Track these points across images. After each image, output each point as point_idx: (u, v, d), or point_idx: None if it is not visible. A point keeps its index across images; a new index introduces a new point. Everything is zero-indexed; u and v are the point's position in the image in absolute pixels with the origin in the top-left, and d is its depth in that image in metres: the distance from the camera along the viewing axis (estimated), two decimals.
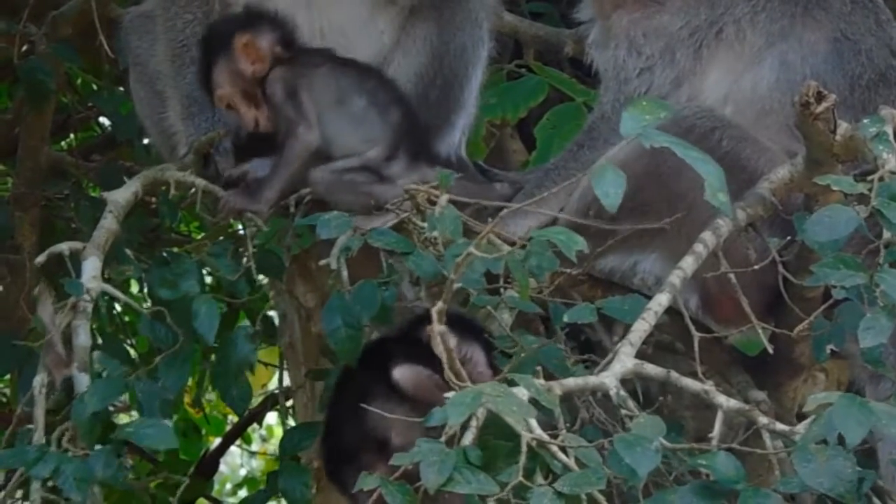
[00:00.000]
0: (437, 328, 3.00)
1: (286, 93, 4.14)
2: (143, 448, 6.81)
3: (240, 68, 4.16)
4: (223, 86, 4.17)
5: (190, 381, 6.63)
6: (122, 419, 5.09)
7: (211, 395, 7.43)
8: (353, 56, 4.34)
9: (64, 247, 3.97)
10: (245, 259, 4.04)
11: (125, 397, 4.40)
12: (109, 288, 3.91)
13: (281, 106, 4.13)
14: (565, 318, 3.64)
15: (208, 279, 4.71)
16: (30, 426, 3.74)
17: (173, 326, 3.79)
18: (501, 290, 3.69)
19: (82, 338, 3.77)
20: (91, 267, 3.90)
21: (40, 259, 3.94)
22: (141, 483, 5.58)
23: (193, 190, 4.33)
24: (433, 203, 3.68)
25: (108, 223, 4.07)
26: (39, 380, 3.74)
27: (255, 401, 7.24)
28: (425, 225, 3.67)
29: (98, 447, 3.59)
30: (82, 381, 3.71)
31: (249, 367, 3.92)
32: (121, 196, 4.16)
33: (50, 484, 3.58)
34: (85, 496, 3.49)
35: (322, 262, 3.77)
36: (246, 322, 6.14)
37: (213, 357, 5.72)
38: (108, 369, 3.75)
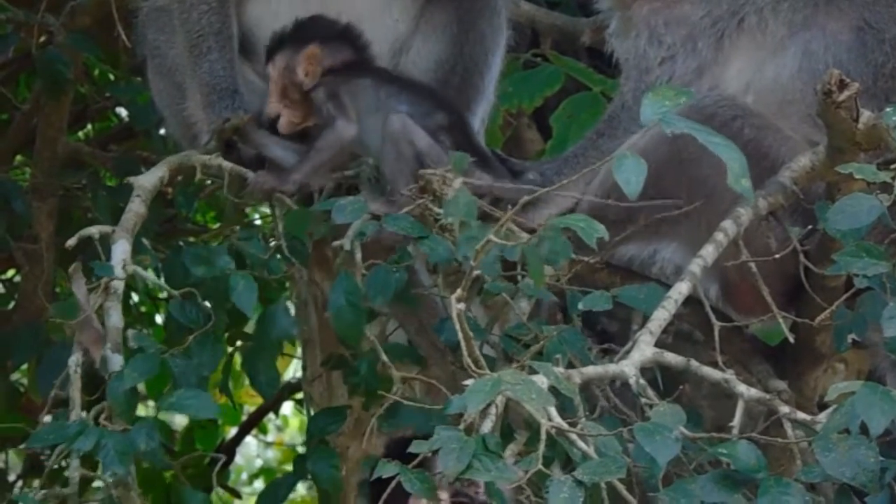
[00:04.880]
0: (456, 313, 2.98)
1: (327, 95, 4.17)
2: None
3: (295, 69, 4.20)
4: (275, 69, 4.23)
5: None
6: (140, 410, 5.07)
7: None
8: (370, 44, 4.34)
9: (94, 230, 3.97)
10: (272, 241, 4.03)
11: (142, 387, 4.39)
12: (140, 270, 3.91)
13: (322, 105, 4.17)
14: (580, 306, 3.63)
15: None
16: (53, 411, 3.75)
17: (205, 306, 3.78)
18: (519, 277, 3.67)
19: (114, 318, 3.77)
20: (121, 250, 3.90)
21: (71, 242, 3.93)
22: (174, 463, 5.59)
23: (211, 181, 4.32)
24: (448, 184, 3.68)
25: (137, 207, 4.07)
26: (75, 359, 3.74)
27: None
28: (441, 211, 3.65)
29: (138, 423, 3.60)
30: (115, 361, 3.71)
31: (291, 340, 3.91)
32: (147, 181, 4.16)
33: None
34: (127, 469, 3.49)
35: (336, 244, 3.76)
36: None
37: (238, 343, 5.75)
38: (143, 347, 3.74)
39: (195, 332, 3.75)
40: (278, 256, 3.97)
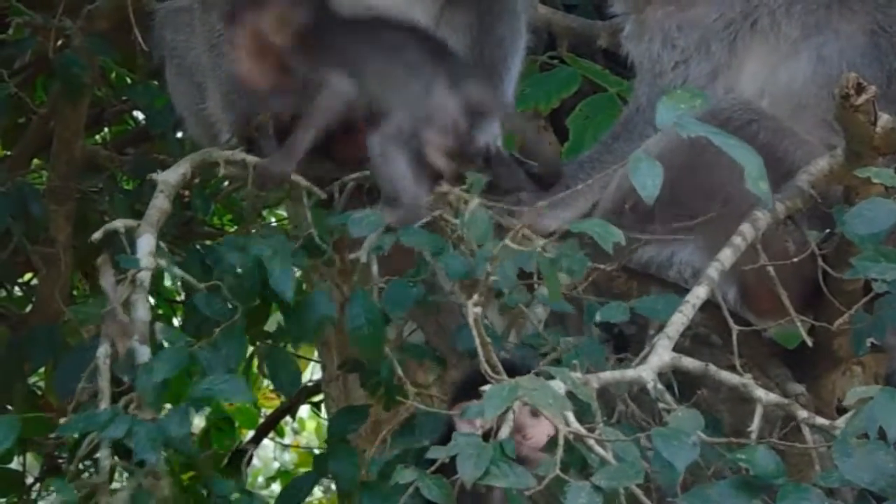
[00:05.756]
0: (473, 319, 2.98)
1: (314, 56, 4.08)
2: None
3: (264, 30, 4.10)
4: (240, 33, 4.13)
5: None
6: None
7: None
8: None
9: (119, 224, 3.97)
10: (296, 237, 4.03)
11: None
12: (165, 264, 3.91)
13: (308, 70, 4.08)
14: (597, 318, 3.62)
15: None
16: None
17: (229, 299, 3.77)
18: (535, 286, 3.66)
19: (141, 311, 3.77)
20: (146, 243, 3.90)
21: (97, 235, 3.94)
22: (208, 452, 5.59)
23: (228, 182, 4.32)
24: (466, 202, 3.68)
25: (160, 202, 4.07)
26: (103, 350, 3.73)
27: None
28: (457, 222, 3.65)
29: (170, 410, 3.58)
30: (143, 353, 3.71)
31: (332, 322, 3.90)
32: (171, 177, 4.15)
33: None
34: (159, 457, 3.49)
35: (352, 257, 3.76)
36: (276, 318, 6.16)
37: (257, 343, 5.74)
38: (171, 339, 3.74)
39: (220, 326, 3.74)
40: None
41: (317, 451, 7.78)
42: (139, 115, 6.68)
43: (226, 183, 4.39)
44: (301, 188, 4.05)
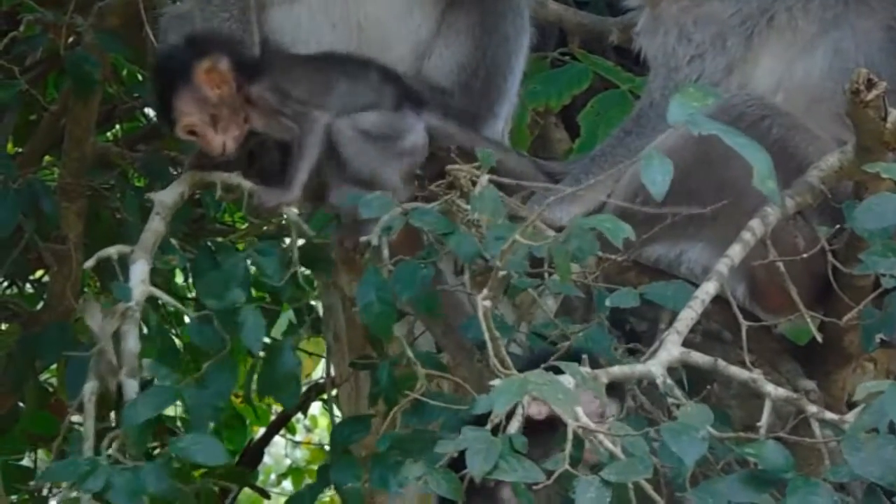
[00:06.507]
0: (483, 312, 2.98)
1: (279, 96, 4.10)
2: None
3: (205, 95, 4.06)
4: (189, 114, 4.08)
5: None
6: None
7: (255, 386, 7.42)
8: (390, 49, 4.35)
9: (112, 251, 3.93)
10: (290, 255, 4.00)
11: None
12: (158, 292, 3.88)
13: (280, 109, 4.10)
14: (607, 303, 3.61)
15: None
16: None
17: (220, 331, 3.76)
18: (546, 275, 3.66)
19: (131, 343, 3.75)
20: (139, 270, 3.86)
21: (89, 263, 3.92)
22: (195, 486, 5.58)
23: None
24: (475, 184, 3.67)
25: (156, 225, 4.02)
26: (90, 387, 3.72)
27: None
28: (468, 207, 3.64)
29: (149, 463, 3.58)
30: (131, 387, 3.71)
31: (296, 378, 3.91)
32: (168, 197, 4.10)
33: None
34: None
35: (363, 240, 3.75)
36: (290, 315, 6.18)
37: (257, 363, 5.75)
38: (158, 376, 3.75)
39: (212, 358, 3.74)
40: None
41: (328, 448, 7.80)
42: (150, 112, 6.69)
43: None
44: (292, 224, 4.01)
